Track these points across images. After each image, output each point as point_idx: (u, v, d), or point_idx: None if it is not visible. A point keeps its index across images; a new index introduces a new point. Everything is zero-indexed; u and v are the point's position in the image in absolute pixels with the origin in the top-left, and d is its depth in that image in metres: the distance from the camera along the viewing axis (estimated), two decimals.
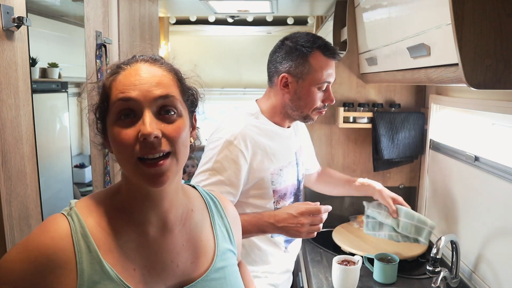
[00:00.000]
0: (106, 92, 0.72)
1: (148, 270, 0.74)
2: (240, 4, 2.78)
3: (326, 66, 1.27)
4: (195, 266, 0.80)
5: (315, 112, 1.32)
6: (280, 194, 1.34)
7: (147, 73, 0.71)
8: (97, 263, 0.69)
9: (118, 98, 0.69)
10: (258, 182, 1.29)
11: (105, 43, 1.51)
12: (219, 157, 1.23)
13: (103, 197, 0.77)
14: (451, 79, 0.96)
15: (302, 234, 1.20)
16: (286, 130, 1.38)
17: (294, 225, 1.18)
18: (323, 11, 2.88)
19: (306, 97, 1.28)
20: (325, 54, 1.27)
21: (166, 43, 3.81)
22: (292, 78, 1.27)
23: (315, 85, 1.27)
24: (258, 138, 1.28)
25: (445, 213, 1.69)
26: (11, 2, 0.91)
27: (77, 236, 0.69)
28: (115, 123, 0.69)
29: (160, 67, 0.73)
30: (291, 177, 1.39)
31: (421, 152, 1.93)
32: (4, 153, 0.89)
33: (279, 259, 1.42)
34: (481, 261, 1.38)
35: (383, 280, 1.47)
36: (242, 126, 1.26)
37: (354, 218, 1.98)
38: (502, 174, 1.26)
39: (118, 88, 0.70)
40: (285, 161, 1.35)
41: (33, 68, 1.10)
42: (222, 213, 0.90)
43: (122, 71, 0.72)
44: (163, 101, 0.69)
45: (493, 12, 0.80)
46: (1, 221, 0.89)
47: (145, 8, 2.01)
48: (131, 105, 0.68)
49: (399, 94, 1.98)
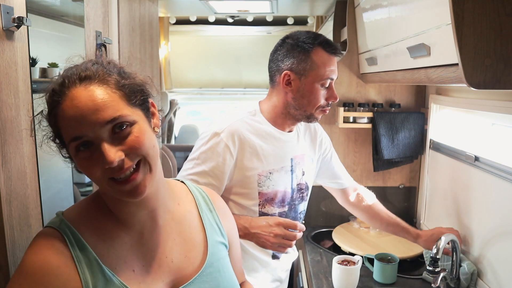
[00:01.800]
0: (54, 129, 0.70)
1: (146, 269, 0.75)
2: (240, 4, 2.78)
3: (328, 62, 1.25)
4: (188, 260, 0.80)
5: (318, 111, 1.28)
6: (266, 197, 1.29)
7: (84, 100, 0.66)
8: (99, 271, 0.69)
9: (69, 138, 0.67)
10: (243, 180, 1.26)
11: (105, 43, 1.51)
12: (205, 147, 1.23)
13: (89, 204, 0.77)
14: (451, 79, 0.96)
15: (271, 245, 1.16)
16: (285, 134, 1.34)
17: (266, 233, 1.16)
18: (323, 11, 2.88)
19: (310, 95, 1.25)
20: (326, 50, 1.25)
21: (166, 43, 3.81)
22: (294, 75, 1.25)
23: (318, 82, 1.24)
24: (248, 135, 1.25)
25: (445, 213, 1.69)
26: (11, 2, 0.91)
27: (74, 247, 0.69)
28: (76, 155, 0.68)
29: (94, 82, 0.68)
30: (283, 183, 1.32)
31: (421, 152, 1.93)
32: (4, 153, 0.89)
33: (267, 267, 1.37)
34: (481, 261, 1.38)
35: (383, 280, 1.47)
36: (233, 121, 1.25)
37: (354, 218, 1.98)
38: (502, 174, 1.25)
39: (64, 127, 0.68)
40: (276, 165, 1.30)
41: (33, 68, 1.10)
42: (210, 207, 0.90)
43: (58, 104, 0.68)
44: (111, 124, 0.67)
45: (493, 12, 0.80)
46: (1, 221, 0.88)
47: (145, 8, 2.01)
48: (84, 139, 0.67)
49: (399, 94, 1.98)
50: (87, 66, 0.70)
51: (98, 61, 0.73)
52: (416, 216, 2.06)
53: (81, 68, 0.70)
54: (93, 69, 0.70)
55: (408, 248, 1.69)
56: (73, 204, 0.79)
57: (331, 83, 1.28)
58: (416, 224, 2.03)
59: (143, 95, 0.74)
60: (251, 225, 1.18)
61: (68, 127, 0.67)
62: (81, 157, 0.68)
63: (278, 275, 1.43)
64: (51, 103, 0.69)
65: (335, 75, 1.28)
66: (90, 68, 0.70)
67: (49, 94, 0.70)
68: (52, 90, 0.69)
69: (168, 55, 3.88)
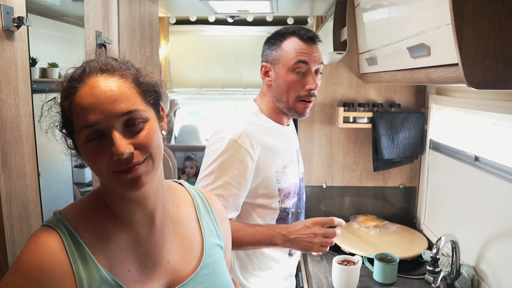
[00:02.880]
0: (66, 116, 0.70)
1: (142, 269, 0.75)
2: (240, 4, 2.78)
3: (298, 47, 1.23)
4: (184, 261, 0.80)
5: (298, 102, 1.26)
6: (285, 192, 1.31)
7: (104, 89, 0.68)
8: (95, 270, 0.69)
9: (81, 125, 0.67)
10: (264, 180, 1.26)
11: (105, 43, 1.51)
12: (223, 157, 1.19)
13: (87, 203, 0.77)
14: (451, 79, 0.96)
15: (315, 246, 1.15)
16: (286, 128, 1.37)
17: (306, 235, 1.15)
18: (323, 11, 2.88)
19: (283, 83, 1.25)
20: (299, 37, 1.24)
21: (166, 43, 3.81)
22: (269, 65, 1.28)
23: (290, 68, 1.23)
24: (261, 136, 1.24)
25: (445, 213, 1.69)
26: (11, 2, 0.91)
27: (70, 246, 0.69)
28: (84, 144, 0.68)
29: (115, 75, 0.70)
30: (294, 176, 1.35)
31: (421, 152, 1.93)
32: (4, 153, 0.89)
33: (283, 264, 1.38)
34: (481, 261, 1.38)
35: (383, 280, 1.47)
36: (245, 125, 1.23)
37: (354, 218, 1.98)
38: (502, 174, 1.25)
39: (78, 113, 0.68)
40: (288, 158, 1.33)
41: (33, 68, 1.10)
42: (208, 208, 0.90)
43: (76, 90, 0.68)
44: (126, 117, 0.68)
45: (493, 12, 0.80)
46: (1, 221, 0.88)
47: (145, 8, 2.01)
48: (96, 128, 0.67)
49: (399, 94, 1.98)
50: (108, 60, 0.73)
51: (118, 58, 0.75)
52: (416, 216, 2.06)
53: (102, 61, 0.72)
54: (114, 64, 0.72)
55: (408, 248, 1.69)
56: (71, 202, 0.78)
57: (308, 69, 1.24)
58: (416, 224, 2.03)
59: (157, 96, 0.76)
60: (288, 231, 1.17)
61: (83, 114, 0.67)
62: (89, 147, 0.68)
63: (291, 271, 1.44)
64: (68, 88, 0.69)
65: (311, 59, 1.24)
66: (111, 62, 0.72)
67: (68, 79, 0.70)
68: (71, 76, 0.70)
69: (168, 55, 3.88)
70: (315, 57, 1.24)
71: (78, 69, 0.71)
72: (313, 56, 1.24)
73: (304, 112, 1.28)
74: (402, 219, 2.06)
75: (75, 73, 0.70)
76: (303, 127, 2.02)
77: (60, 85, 0.72)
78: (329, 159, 2.03)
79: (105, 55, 0.75)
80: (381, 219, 1.96)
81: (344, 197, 2.07)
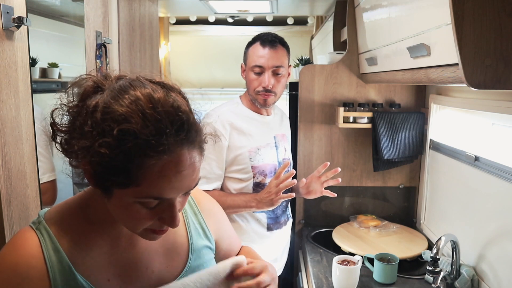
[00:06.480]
0: (123, 171, 0.60)
1: (122, 279, 0.74)
2: (240, 4, 2.78)
3: (257, 52, 1.52)
4: (169, 270, 0.79)
5: (257, 95, 1.54)
6: (258, 170, 1.56)
7: (188, 167, 0.63)
8: (71, 278, 0.68)
9: (148, 194, 0.62)
10: (237, 157, 1.53)
11: (105, 43, 1.51)
12: None
13: (73, 207, 0.75)
14: (451, 79, 0.96)
15: (276, 199, 1.42)
16: (265, 117, 1.62)
17: (266, 193, 1.45)
18: (323, 11, 2.88)
19: (248, 80, 1.57)
20: (261, 43, 1.52)
21: (166, 43, 3.81)
22: (244, 65, 1.60)
23: (250, 69, 1.54)
24: (235, 120, 1.54)
25: (445, 213, 1.69)
26: (11, 2, 0.91)
27: (49, 251, 0.67)
28: (132, 204, 0.64)
29: (196, 149, 0.65)
30: (270, 157, 1.59)
31: (421, 152, 1.93)
32: (4, 153, 0.89)
33: (264, 237, 1.59)
34: (481, 261, 1.38)
35: (383, 280, 1.47)
36: (221, 111, 1.55)
37: (354, 218, 1.98)
38: (502, 174, 1.25)
39: (150, 181, 0.61)
40: (262, 141, 1.58)
41: (33, 68, 1.10)
42: (195, 209, 0.89)
43: (158, 157, 0.60)
44: (184, 197, 0.69)
45: (493, 12, 0.80)
46: (1, 221, 0.89)
47: (145, 8, 2.01)
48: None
49: (399, 94, 1.98)
50: (187, 121, 0.63)
51: (194, 111, 0.69)
52: (416, 216, 2.06)
53: (180, 124, 0.62)
54: (192, 130, 0.64)
55: (408, 248, 1.69)
56: (58, 204, 0.76)
57: (262, 70, 1.51)
58: (416, 224, 2.03)
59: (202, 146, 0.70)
60: (258, 195, 1.48)
61: (159, 186, 0.62)
62: (137, 208, 0.65)
63: (274, 252, 1.66)
64: (147, 147, 0.59)
65: (266, 62, 1.50)
66: (193, 127, 0.64)
67: (154, 135, 0.59)
68: (158, 135, 0.59)
69: (168, 55, 3.88)
70: (271, 60, 1.50)
71: (149, 127, 0.59)
72: (269, 59, 1.50)
73: (265, 103, 1.55)
74: (402, 219, 2.06)
75: (162, 136, 0.59)
76: (303, 127, 2.02)
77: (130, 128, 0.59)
78: (329, 159, 2.03)
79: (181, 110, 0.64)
80: (381, 219, 1.96)
81: (344, 197, 2.07)
